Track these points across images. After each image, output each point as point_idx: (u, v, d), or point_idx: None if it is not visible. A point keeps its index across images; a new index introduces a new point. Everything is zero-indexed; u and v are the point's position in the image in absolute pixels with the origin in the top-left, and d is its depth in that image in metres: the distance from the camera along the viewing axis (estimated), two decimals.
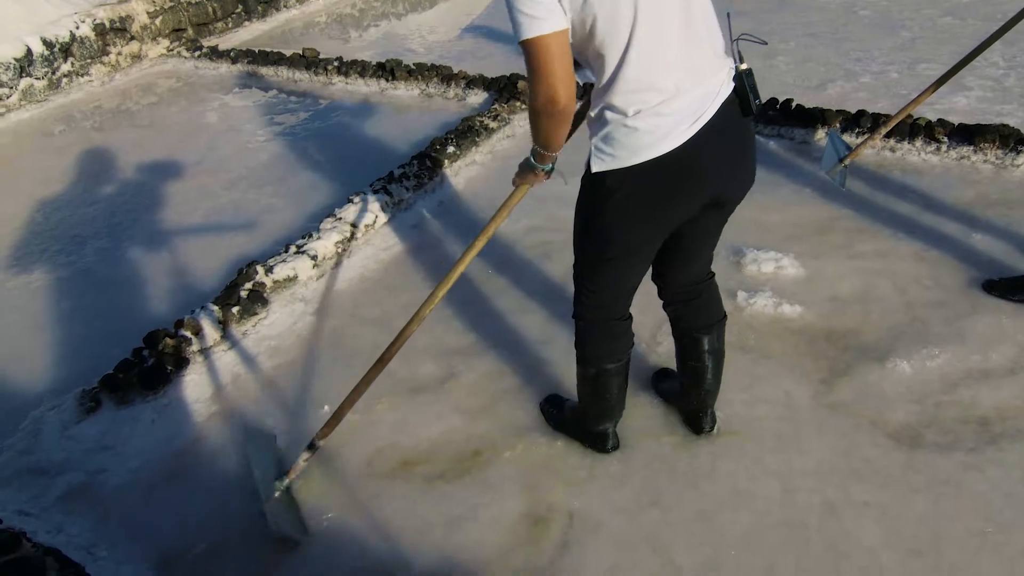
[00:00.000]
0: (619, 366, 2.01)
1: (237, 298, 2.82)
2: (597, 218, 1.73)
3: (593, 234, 1.78)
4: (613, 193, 1.65)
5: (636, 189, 1.62)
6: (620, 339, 1.99)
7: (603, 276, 1.86)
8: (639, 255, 1.79)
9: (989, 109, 4.03)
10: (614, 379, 2.03)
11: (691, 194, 1.66)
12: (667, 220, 1.71)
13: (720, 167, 1.65)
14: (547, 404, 2.36)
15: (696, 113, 1.55)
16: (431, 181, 3.67)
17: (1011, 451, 2.09)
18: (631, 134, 1.56)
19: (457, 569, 1.92)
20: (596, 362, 2.00)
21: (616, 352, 2.00)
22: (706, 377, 2.10)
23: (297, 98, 5.07)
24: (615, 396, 2.07)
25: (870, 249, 2.97)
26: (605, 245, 1.77)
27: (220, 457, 2.31)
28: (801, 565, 1.86)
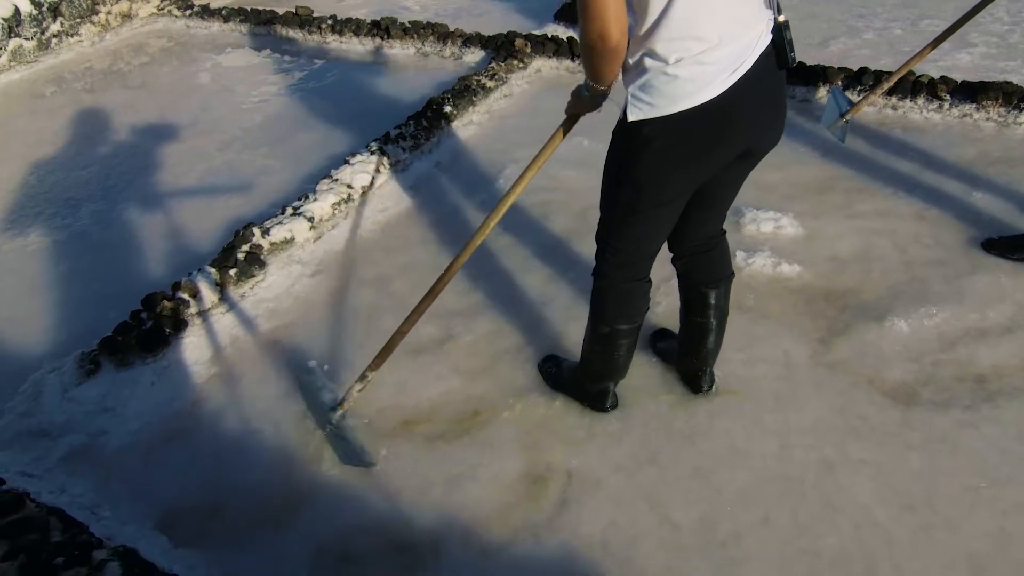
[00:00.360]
0: (633, 327, 2.01)
1: (234, 260, 2.81)
2: (632, 169, 1.69)
3: (626, 185, 1.73)
4: (650, 142, 1.61)
5: (674, 139, 1.59)
6: (639, 301, 1.99)
7: (631, 231, 1.83)
8: (670, 207, 1.76)
9: (993, 66, 3.98)
10: (625, 340, 2.03)
11: (729, 143, 1.64)
12: (702, 170, 1.68)
13: (756, 117, 1.63)
14: (546, 364, 2.37)
15: (736, 63, 1.52)
16: (428, 142, 3.63)
17: (1007, 408, 2.11)
18: (671, 82, 1.52)
19: (457, 527, 1.95)
20: (611, 321, 1.99)
21: (633, 314, 1.99)
22: (709, 335, 2.10)
23: (291, 58, 4.99)
24: (623, 357, 2.07)
25: (870, 208, 2.95)
26: (638, 196, 1.73)
27: (220, 418, 2.33)
28: (796, 520, 1.88)
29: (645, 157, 1.64)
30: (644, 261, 1.92)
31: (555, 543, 1.89)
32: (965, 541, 1.80)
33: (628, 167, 1.70)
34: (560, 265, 2.81)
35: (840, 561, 1.79)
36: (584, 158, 3.37)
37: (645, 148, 1.63)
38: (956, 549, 1.79)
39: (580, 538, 1.89)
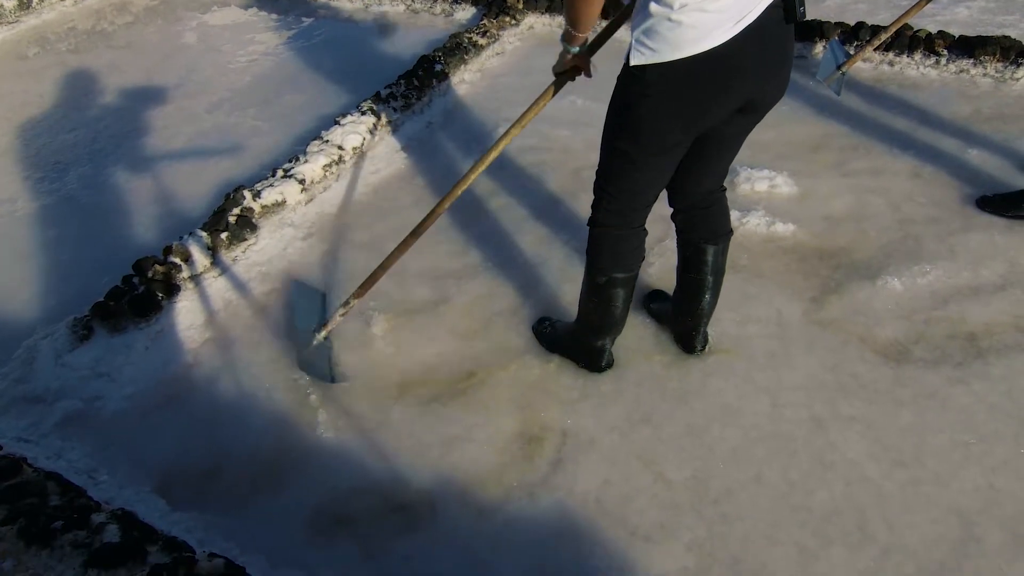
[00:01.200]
0: (629, 277, 2.02)
1: (225, 224, 2.78)
2: (632, 113, 1.69)
3: (625, 130, 1.73)
4: (651, 87, 1.61)
5: (675, 85, 1.59)
6: (634, 249, 2.00)
7: (628, 177, 1.83)
8: (668, 156, 1.76)
9: (991, 20, 3.93)
10: (621, 290, 2.04)
11: (730, 94, 1.63)
12: (702, 120, 1.67)
13: (760, 69, 1.61)
14: (540, 325, 2.38)
15: (742, 12, 1.51)
16: (419, 101, 3.58)
17: (997, 365, 2.13)
18: (675, 28, 1.51)
19: (453, 487, 1.97)
20: (608, 270, 2.00)
21: (628, 262, 2.00)
22: (705, 293, 2.10)
23: (278, 16, 4.89)
24: (620, 309, 2.08)
25: (864, 166, 2.94)
26: (636, 142, 1.73)
27: (214, 382, 2.33)
28: (787, 476, 1.91)
29: (645, 102, 1.64)
30: (639, 210, 1.93)
31: (550, 502, 1.91)
32: (954, 496, 1.83)
33: (628, 113, 1.70)
34: (554, 225, 2.79)
35: (831, 517, 1.82)
36: (577, 117, 3.33)
37: (645, 93, 1.62)
38: (945, 504, 1.82)
39: (575, 496, 1.92)
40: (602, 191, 1.91)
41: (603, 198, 1.92)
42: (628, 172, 1.81)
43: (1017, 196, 2.60)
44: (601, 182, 1.91)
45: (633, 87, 1.64)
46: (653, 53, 1.56)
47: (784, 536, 1.79)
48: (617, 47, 1.95)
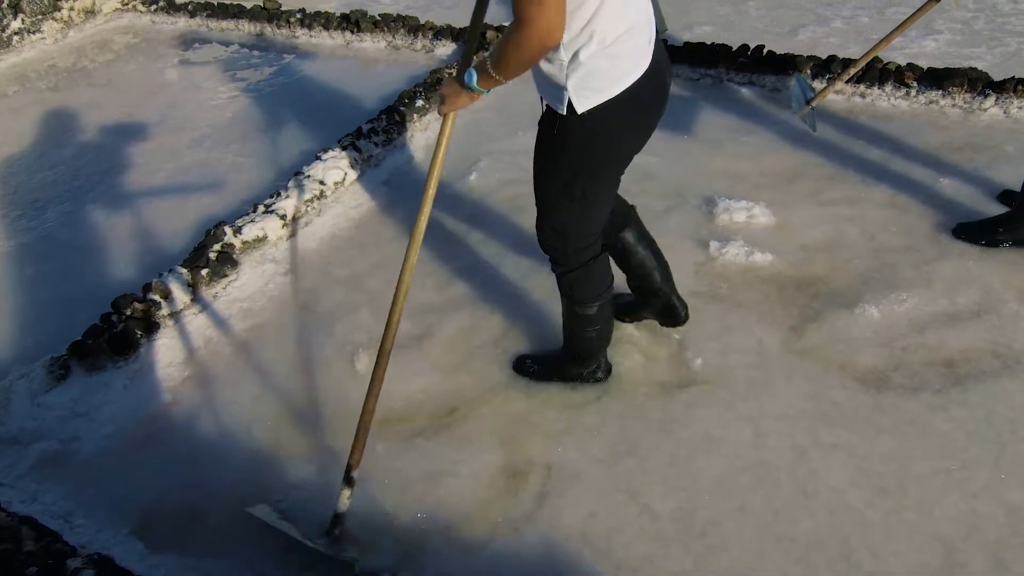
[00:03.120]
0: (612, 294, 2.11)
1: (206, 260, 2.77)
2: (589, 157, 1.76)
3: (583, 175, 1.80)
4: (605, 125, 1.69)
5: (626, 115, 1.70)
6: (609, 266, 2.09)
7: (589, 217, 1.91)
8: (617, 181, 1.91)
9: (958, 52, 4.03)
10: (609, 307, 2.12)
11: (662, 107, 1.81)
12: (645, 138, 1.82)
13: (669, 79, 1.81)
14: (523, 365, 2.36)
15: (648, 33, 1.69)
16: (400, 136, 3.61)
17: (975, 391, 2.15)
18: (613, 62, 1.61)
19: (437, 524, 1.95)
20: (597, 297, 2.06)
21: (608, 280, 2.09)
22: (652, 261, 2.24)
23: (260, 52, 4.93)
24: (610, 323, 2.17)
25: (839, 196, 2.99)
26: (597, 178, 1.82)
27: (194, 420, 2.30)
28: (771, 506, 1.91)
29: (601, 141, 1.73)
30: (600, 233, 2.02)
31: (536, 536, 1.90)
32: (937, 523, 1.84)
33: (585, 157, 1.76)
34: (534, 257, 2.80)
35: (816, 546, 1.82)
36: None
37: (601, 132, 1.71)
38: (929, 531, 1.82)
39: (560, 530, 1.90)
40: (566, 239, 1.95)
41: (568, 244, 1.96)
42: (589, 210, 1.89)
43: (991, 223, 2.65)
44: (560, 229, 1.94)
45: (582, 131, 1.71)
46: (599, 93, 1.64)
47: (770, 566, 1.79)
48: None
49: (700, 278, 2.64)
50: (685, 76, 4.01)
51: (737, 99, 3.79)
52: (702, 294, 2.57)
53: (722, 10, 4.86)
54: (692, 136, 3.48)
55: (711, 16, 4.78)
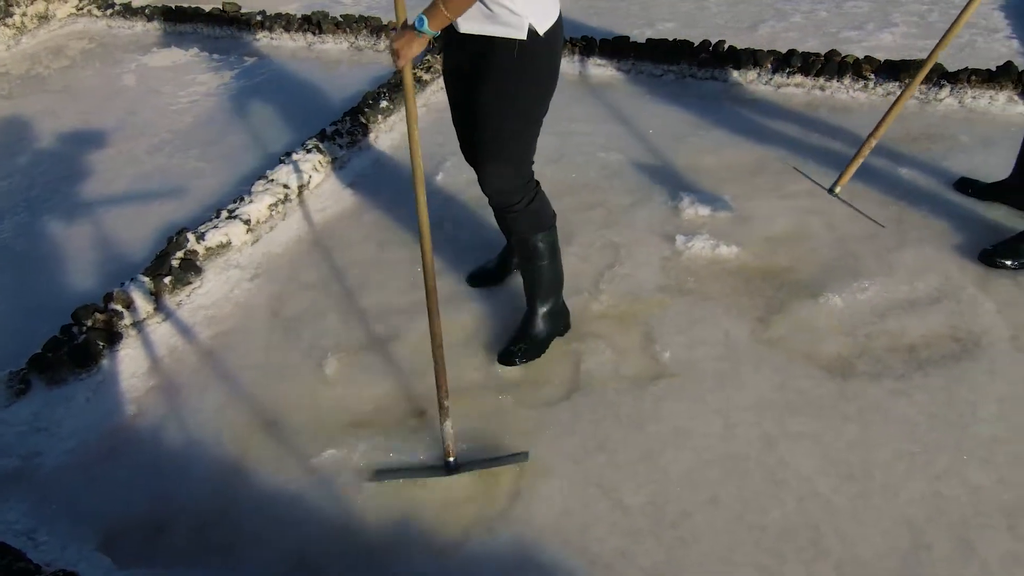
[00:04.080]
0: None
1: (168, 267, 2.73)
2: (548, 77, 1.99)
3: (541, 95, 2.00)
4: (556, 43, 1.94)
5: (560, 34, 1.98)
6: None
7: (535, 138, 2.10)
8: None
9: (914, 45, 4.11)
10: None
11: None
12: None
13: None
14: (510, 353, 2.35)
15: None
16: (365, 138, 3.59)
17: (936, 376, 2.19)
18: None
19: (412, 528, 1.94)
20: (550, 219, 2.22)
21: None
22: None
23: (220, 56, 4.86)
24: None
25: (801, 188, 3.02)
26: (547, 101, 2.04)
27: (160, 431, 2.26)
28: (742, 496, 1.93)
29: (555, 58, 1.97)
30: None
31: (510, 535, 1.89)
32: (902, 506, 1.87)
33: (545, 76, 1.98)
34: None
35: (785, 534, 1.84)
36: None
37: (555, 50, 1.95)
38: (894, 515, 1.85)
39: (534, 528, 1.90)
40: (519, 168, 2.10)
41: (520, 173, 2.11)
42: (536, 133, 2.10)
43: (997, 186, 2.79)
44: (514, 159, 2.08)
45: (544, 52, 1.92)
46: (548, 14, 1.90)
47: (741, 557, 1.80)
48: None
49: (667, 272, 2.66)
50: (648, 72, 4.04)
51: (699, 94, 3.82)
52: (669, 288, 2.59)
53: (684, 6, 4.90)
54: (656, 132, 3.50)
55: (673, 13, 4.81)
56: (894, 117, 2.44)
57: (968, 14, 2.17)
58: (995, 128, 3.30)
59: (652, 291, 2.59)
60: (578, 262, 2.73)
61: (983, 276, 2.51)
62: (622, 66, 4.09)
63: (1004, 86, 3.46)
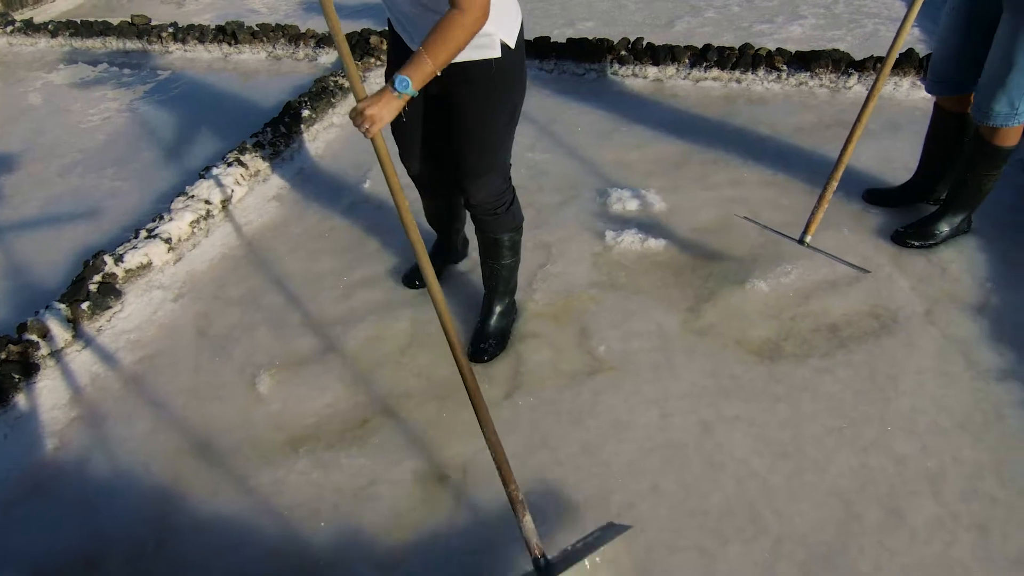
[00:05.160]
0: None
1: (86, 293, 2.62)
2: (522, 82, 2.04)
3: (520, 100, 2.06)
4: (522, 50, 1.98)
5: (523, 41, 2.01)
6: None
7: (512, 140, 2.16)
8: None
9: (822, 36, 4.28)
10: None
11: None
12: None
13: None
14: (480, 348, 2.37)
15: None
16: (288, 148, 3.51)
17: (858, 352, 2.28)
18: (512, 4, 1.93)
19: (358, 541, 1.91)
20: (522, 218, 2.30)
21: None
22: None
23: (131, 70, 4.69)
24: None
25: (724, 179, 3.11)
26: (521, 106, 2.09)
27: (85, 464, 2.17)
28: (682, 482, 1.96)
29: (523, 63, 2.01)
30: None
31: (458, 539, 1.88)
32: (833, 480, 1.94)
33: (521, 82, 2.03)
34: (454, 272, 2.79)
35: (726, 515, 1.88)
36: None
37: (522, 55, 2.00)
38: (826, 489, 1.92)
39: (481, 530, 1.90)
40: (505, 171, 2.17)
41: (506, 174, 2.17)
42: (514, 132, 2.15)
43: (895, 192, 2.86)
44: (502, 164, 2.14)
45: (516, 62, 1.96)
46: (513, 25, 1.91)
47: (685, 541, 1.84)
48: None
49: (599, 268, 2.69)
50: (570, 72, 4.08)
51: (621, 91, 3.88)
52: (601, 283, 2.63)
53: (602, 5, 4.97)
54: (581, 130, 3.54)
55: (591, 12, 4.88)
56: (849, 156, 2.38)
57: (912, 15, 2.22)
58: (901, 112, 3.46)
59: (585, 287, 2.61)
60: None
61: (897, 255, 2.63)
62: (544, 66, 4.13)
63: (907, 72, 3.63)
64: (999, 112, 2.33)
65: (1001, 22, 2.25)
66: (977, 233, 2.67)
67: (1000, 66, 2.27)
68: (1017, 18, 2.18)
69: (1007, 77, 2.26)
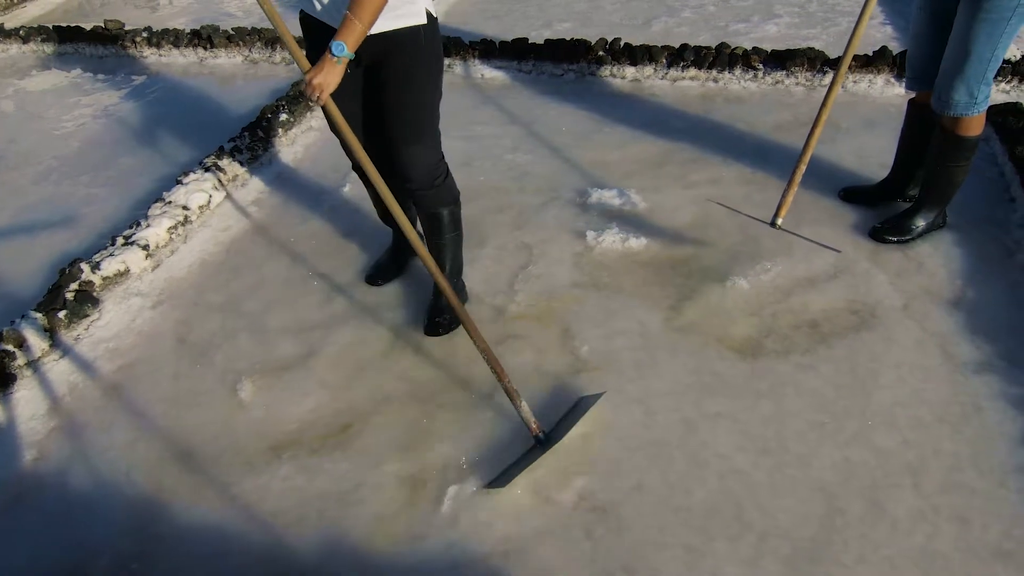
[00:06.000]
0: None
1: (63, 301, 2.58)
2: (441, 54, 2.13)
3: (441, 72, 2.15)
4: (437, 21, 2.08)
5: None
6: None
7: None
8: None
9: (797, 34, 4.32)
10: None
11: None
12: None
13: None
14: (435, 323, 2.45)
15: None
16: (266, 152, 3.49)
17: (839, 347, 2.30)
18: None
19: (342, 547, 1.89)
20: (458, 192, 2.38)
21: None
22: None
23: (105, 76, 4.63)
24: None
25: (703, 177, 3.13)
26: (443, 75, 2.18)
27: (66, 474, 2.14)
28: (667, 480, 1.97)
29: (440, 34, 2.09)
30: None
31: (441, 543, 1.88)
32: (816, 474, 1.95)
33: (440, 52, 2.12)
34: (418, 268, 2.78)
35: (710, 512, 1.89)
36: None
37: (438, 27, 2.08)
38: (809, 483, 1.93)
39: (464, 532, 1.89)
40: (438, 144, 2.23)
41: (438, 138, 2.22)
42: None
43: (872, 190, 2.88)
44: (436, 134, 2.20)
45: (437, 31, 2.07)
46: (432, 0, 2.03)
47: (670, 539, 1.84)
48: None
49: (580, 268, 2.70)
50: (549, 73, 4.09)
51: (600, 92, 3.90)
52: (584, 283, 2.63)
53: (579, 6, 4.99)
54: (561, 131, 3.55)
55: (568, 13, 4.89)
56: (816, 140, 2.38)
57: (868, 12, 2.27)
58: (875, 109, 3.50)
59: (567, 288, 2.62)
60: (492, 264, 2.74)
61: (874, 251, 2.66)
62: (523, 67, 4.13)
63: (881, 70, 3.67)
64: (959, 101, 2.37)
65: (958, 13, 2.29)
66: (953, 228, 2.71)
67: (958, 56, 2.31)
68: (973, 8, 2.22)
69: (965, 66, 2.30)
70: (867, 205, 2.88)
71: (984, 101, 2.39)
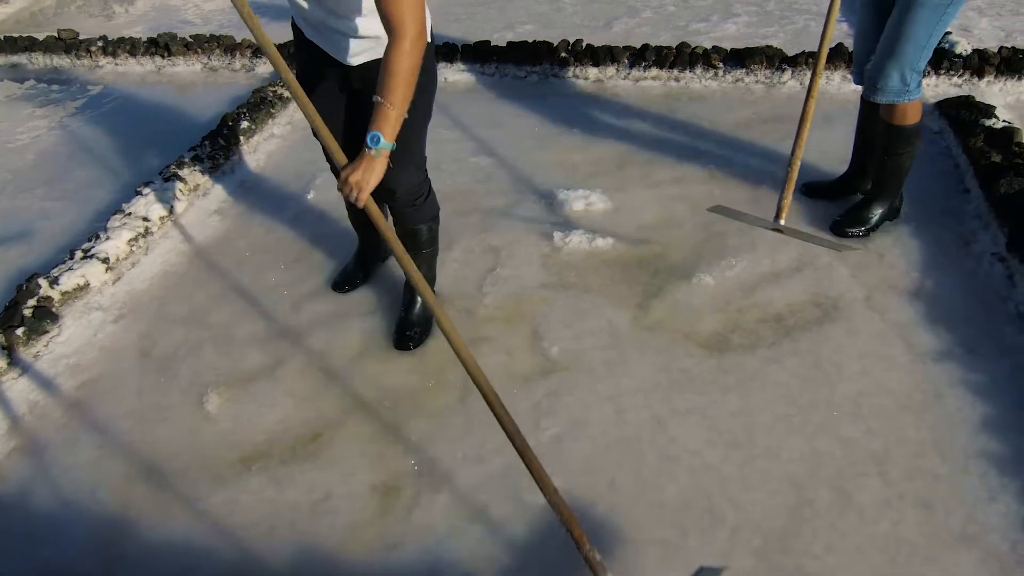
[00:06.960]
0: None
1: (20, 318, 2.52)
2: (435, 77, 2.14)
3: (432, 97, 2.13)
4: (430, 45, 2.01)
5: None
6: None
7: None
8: None
9: (755, 33, 4.38)
10: None
11: None
12: None
13: None
14: (405, 336, 2.42)
15: None
16: (228, 161, 3.44)
17: (803, 340, 2.34)
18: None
19: (315, 558, 1.87)
20: (439, 207, 2.38)
21: None
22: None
23: (60, 86, 4.54)
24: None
25: (666, 176, 3.16)
26: (434, 99, 2.17)
27: (28, 496, 2.08)
28: (639, 476, 1.98)
29: (434, 58, 2.07)
30: None
31: (414, 550, 1.87)
32: (784, 466, 1.98)
33: (432, 77, 2.09)
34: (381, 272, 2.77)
35: (683, 507, 1.91)
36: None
37: (432, 51, 2.03)
38: (778, 475, 1.96)
39: (438, 537, 1.89)
40: (423, 157, 2.23)
41: (424, 160, 2.23)
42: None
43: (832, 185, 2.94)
44: (421, 151, 2.21)
45: (431, 54, 2.01)
46: (427, 27, 1.91)
47: (644, 535, 1.86)
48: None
49: (548, 269, 2.71)
50: (512, 75, 4.10)
51: (563, 93, 3.92)
52: (552, 284, 2.64)
53: (540, 8, 5.01)
54: (525, 133, 3.56)
55: (530, 15, 4.91)
56: (804, 138, 2.30)
57: (835, 12, 2.30)
58: (833, 105, 3.56)
59: (535, 289, 2.62)
60: (460, 268, 2.74)
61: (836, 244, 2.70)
62: (486, 70, 4.14)
63: (838, 66, 3.74)
64: (891, 88, 2.42)
65: (896, 2, 2.34)
66: (910, 220, 2.77)
67: (894, 40, 2.36)
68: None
69: (900, 50, 2.35)
70: (828, 199, 2.93)
71: (916, 89, 2.43)
